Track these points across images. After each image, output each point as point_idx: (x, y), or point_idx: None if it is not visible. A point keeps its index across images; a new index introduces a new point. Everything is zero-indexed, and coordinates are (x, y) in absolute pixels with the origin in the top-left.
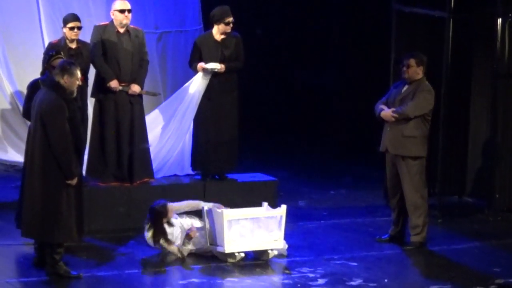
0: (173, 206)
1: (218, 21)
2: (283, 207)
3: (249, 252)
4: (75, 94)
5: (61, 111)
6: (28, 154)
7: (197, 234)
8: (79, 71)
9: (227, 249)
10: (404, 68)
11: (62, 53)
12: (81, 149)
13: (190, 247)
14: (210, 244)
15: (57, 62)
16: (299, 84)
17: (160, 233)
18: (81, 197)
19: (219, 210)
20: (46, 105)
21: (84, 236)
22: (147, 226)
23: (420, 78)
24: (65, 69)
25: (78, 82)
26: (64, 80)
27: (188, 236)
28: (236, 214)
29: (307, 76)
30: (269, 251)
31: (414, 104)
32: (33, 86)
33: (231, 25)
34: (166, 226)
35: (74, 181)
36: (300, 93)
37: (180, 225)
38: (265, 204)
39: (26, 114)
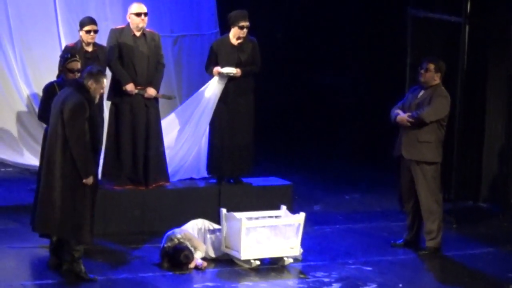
0: (190, 237)
1: (232, 24)
2: (302, 215)
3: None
4: (97, 101)
5: (83, 110)
6: (46, 154)
7: (205, 264)
8: (105, 80)
9: (243, 256)
10: (422, 71)
11: (77, 56)
12: (98, 149)
13: (211, 254)
14: (226, 247)
15: (73, 65)
16: (315, 89)
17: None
18: (94, 198)
19: (238, 217)
20: (69, 104)
21: (94, 237)
22: (164, 259)
23: (436, 83)
24: (93, 75)
25: (102, 91)
26: (89, 85)
27: (196, 267)
28: (254, 223)
29: (322, 81)
30: (285, 258)
31: (430, 109)
32: (49, 89)
33: (246, 30)
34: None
35: (90, 181)
36: (315, 97)
37: (192, 229)
38: (284, 207)
39: (42, 117)
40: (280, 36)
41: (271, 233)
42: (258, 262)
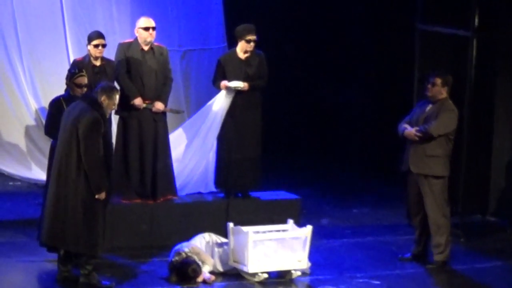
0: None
1: (240, 38)
2: (309, 228)
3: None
4: (107, 116)
5: (99, 126)
6: (55, 168)
7: (213, 278)
8: (117, 96)
9: (251, 269)
10: (429, 86)
11: (84, 71)
12: (110, 165)
13: (219, 267)
14: (234, 261)
15: (80, 80)
16: (323, 102)
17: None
18: (104, 212)
19: (245, 230)
20: (84, 120)
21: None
22: (172, 273)
23: (443, 97)
24: (106, 91)
25: (114, 107)
26: (102, 101)
27: (204, 281)
28: (261, 236)
29: (330, 94)
30: (293, 271)
31: (438, 123)
32: (55, 104)
33: (253, 43)
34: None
35: (102, 196)
36: (323, 111)
37: (199, 243)
38: (291, 221)
39: (49, 132)
40: (289, 49)
41: (278, 246)
42: (265, 275)
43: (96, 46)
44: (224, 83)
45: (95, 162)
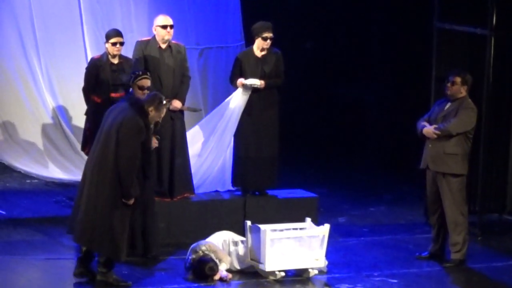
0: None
1: (256, 35)
2: (326, 226)
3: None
4: (151, 126)
5: (140, 132)
6: (91, 166)
7: (230, 276)
8: (165, 110)
9: (268, 268)
10: (448, 85)
11: (149, 73)
12: (147, 174)
13: (236, 265)
14: (251, 259)
15: (143, 82)
16: (341, 101)
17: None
18: (132, 219)
19: (262, 228)
20: (127, 124)
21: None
22: (189, 272)
23: (462, 96)
24: (155, 102)
25: (159, 120)
26: (149, 110)
27: (221, 279)
28: (279, 234)
29: (348, 92)
30: (310, 270)
31: (457, 122)
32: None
33: (269, 41)
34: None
35: (129, 202)
36: (341, 109)
37: (216, 241)
38: (308, 219)
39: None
40: (309, 46)
41: (295, 244)
42: (283, 274)
43: (114, 44)
44: (240, 80)
45: (130, 167)
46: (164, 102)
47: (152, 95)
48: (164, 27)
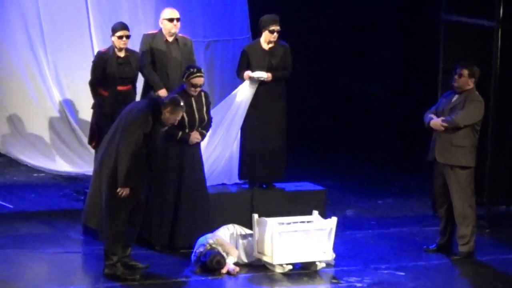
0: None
1: (263, 28)
2: (334, 220)
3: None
4: (162, 126)
5: (144, 124)
6: (100, 156)
7: (238, 270)
8: (181, 114)
9: (275, 261)
10: (456, 77)
11: (202, 71)
12: (151, 166)
13: (243, 259)
14: (258, 253)
15: (197, 80)
16: (348, 93)
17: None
18: (138, 217)
19: (270, 222)
20: (134, 113)
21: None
22: (196, 265)
23: (470, 88)
24: (173, 104)
25: (174, 123)
26: (164, 111)
27: (229, 273)
28: (286, 227)
29: (355, 85)
30: (317, 263)
31: (464, 114)
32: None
33: (276, 34)
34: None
35: (123, 192)
36: (348, 102)
37: (224, 234)
38: (315, 212)
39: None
40: (314, 39)
41: (303, 237)
42: (290, 267)
43: (120, 37)
44: (247, 73)
45: (127, 155)
46: (182, 104)
47: (172, 96)
48: (171, 20)
